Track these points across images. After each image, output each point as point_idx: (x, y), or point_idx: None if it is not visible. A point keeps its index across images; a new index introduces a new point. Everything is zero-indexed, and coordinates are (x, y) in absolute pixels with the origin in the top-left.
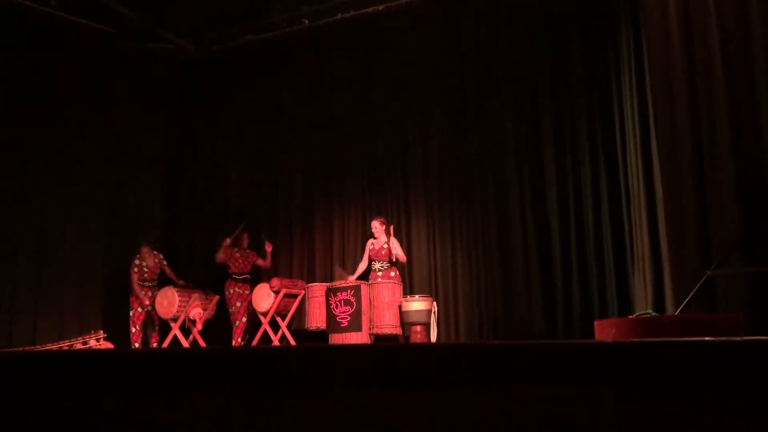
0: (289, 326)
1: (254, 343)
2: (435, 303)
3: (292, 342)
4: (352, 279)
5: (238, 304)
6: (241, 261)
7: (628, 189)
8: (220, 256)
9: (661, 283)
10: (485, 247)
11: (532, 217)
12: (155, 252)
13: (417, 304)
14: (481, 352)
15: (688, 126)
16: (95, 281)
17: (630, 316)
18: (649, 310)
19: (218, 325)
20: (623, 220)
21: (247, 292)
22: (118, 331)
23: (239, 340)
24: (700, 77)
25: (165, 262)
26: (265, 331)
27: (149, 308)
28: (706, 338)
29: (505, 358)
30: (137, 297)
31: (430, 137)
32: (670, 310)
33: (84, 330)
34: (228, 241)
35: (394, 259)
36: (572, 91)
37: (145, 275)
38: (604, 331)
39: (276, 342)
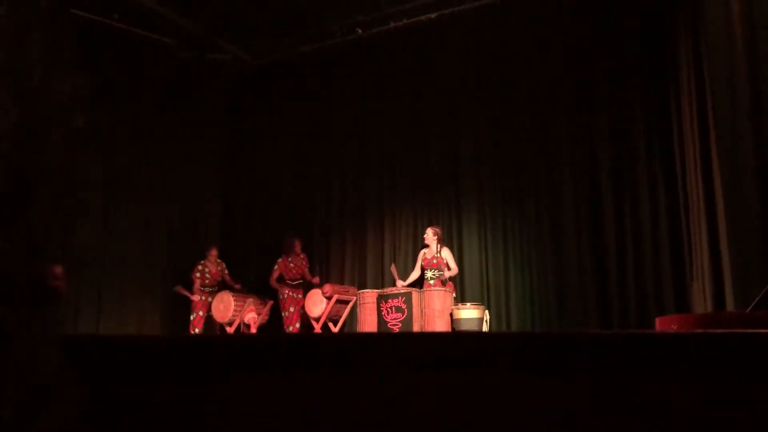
0: (341, 332)
1: None
2: (487, 311)
3: None
4: (402, 284)
5: (292, 309)
6: (294, 269)
7: (687, 198)
8: (272, 282)
9: (722, 294)
10: (538, 255)
11: (586, 225)
12: (219, 260)
13: (468, 312)
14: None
15: (750, 138)
16: (157, 285)
17: None
18: None
19: (272, 329)
20: (681, 229)
21: (300, 296)
22: (180, 333)
23: None
24: (763, 88)
25: (227, 271)
26: None
27: (209, 313)
28: None
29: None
30: (196, 301)
31: (482, 145)
32: None
33: (144, 331)
34: (275, 274)
35: (446, 268)
36: (629, 99)
37: (207, 281)
38: (666, 327)
39: None
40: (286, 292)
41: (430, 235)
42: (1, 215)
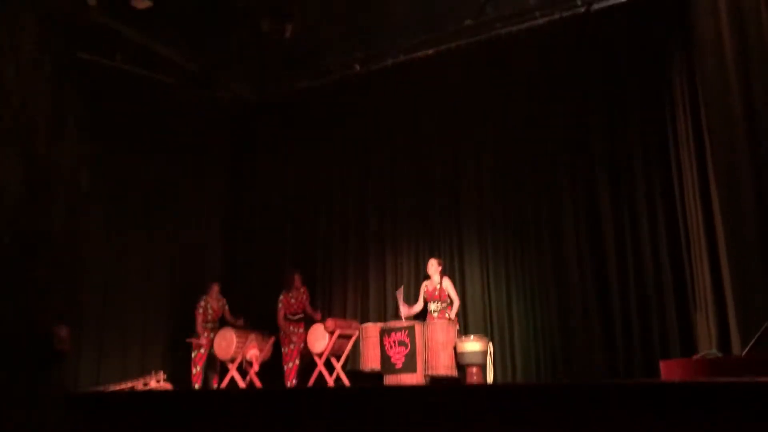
0: (344, 367)
1: (310, 384)
2: (490, 343)
3: (347, 383)
4: (409, 311)
5: (292, 345)
6: (295, 304)
7: (688, 229)
8: (280, 321)
9: (726, 324)
10: (541, 287)
11: (589, 256)
12: (221, 296)
13: (472, 345)
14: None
15: (748, 168)
16: (158, 321)
17: (695, 356)
18: (714, 350)
19: (275, 365)
20: (683, 260)
21: (301, 330)
22: (180, 370)
23: (293, 381)
24: (758, 116)
25: (227, 307)
26: (320, 373)
27: (210, 350)
28: None
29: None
30: (199, 338)
31: (482, 178)
32: (736, 350)
33: (146, 369)
34: (281, 312)
35: (449, 300)
36: (627, 127)
37: (209, 317)
38: (671, 371)
39: (331, 384)
40: (286, 327)
41: (434, 266)
42: (7, 279)
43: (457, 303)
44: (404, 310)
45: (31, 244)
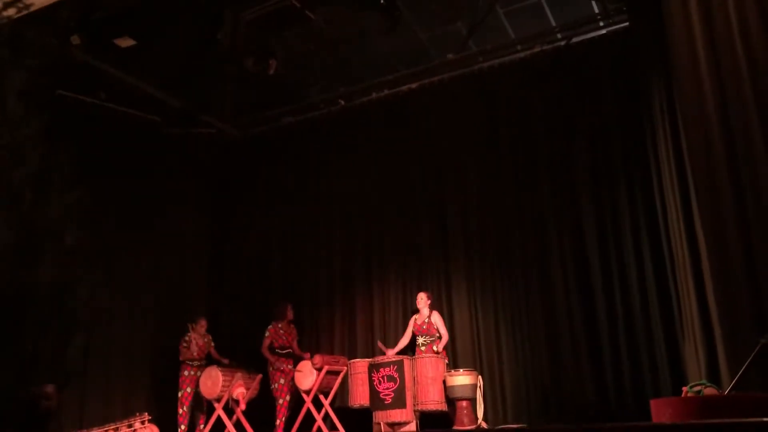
0: (332, 404)
1: (298, 422)
2: (480, 377)
3: (336, 421)
4: (391, 353)
5: (282, 381)
6: (284, 336)
7: (672, 255)
8: (265, 352)
9: (714, 351)
10: (529, 319)
11: (576, 287)
12: (207, 332)
13: (462, 379)
14: None
15: (729, 193)
16: (143, 360)
17: (684, 388)
18: (703, 381)
19: (262, 403)
20: (669, 286)
21: (290, 367)
22: (166, 412)
23: (283, 419)
24: (738, 136)
25: (213, 344)
26: (309, 411)
27: (196, 389)
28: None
29: None
30: (184, 377)
31: (469, 210)
32: (725, 378)
33: (130, 411)
34: (267, 342)
35: (438, 334)
36: (610, 158)
37: (195, 354)
38: (661, 411)
39: (320, 421)
40: (275, 363)
41: (423, 299)
42: None
43: (445, 337)
44: (391, 353)
45: (19, 304)
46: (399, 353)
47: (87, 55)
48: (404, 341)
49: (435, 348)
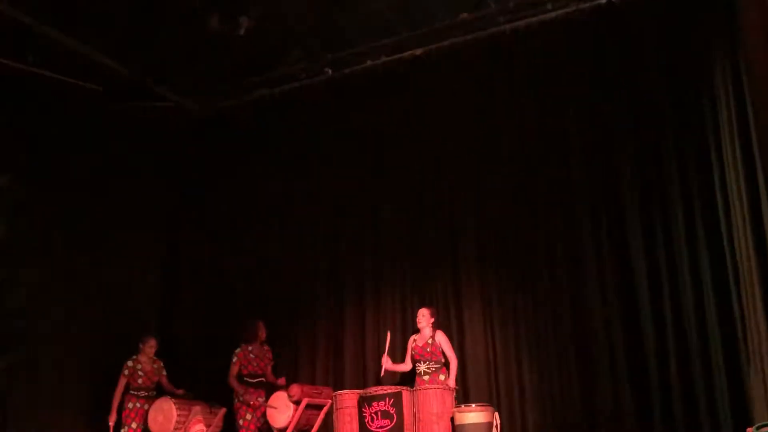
0: None
1: None
2: (497, 414)
3: None
4: (391, 366)
5: (249, 416)
6: (255, 361)
7: (737, 268)
8: (232, 381)
9: None
10: (558, 343)
11: (616, 302)
12: (155, 357)
13: (474, 416)
14: None
15: None
16: (78, 387)
17: (749, 429)
18: None
19: None
20: (732, 305)
21: (261, 399)
22: None
23: None
24: None
25: (164, 372)
26: None
27: (143, 426)
28: None
29: None
30: (129, 410)
31: (484, 206)
32: None
33: None
34: (235, 368)
35: (444, 359)
36: (658, 145)
37: (140, 382)
38: None
39: None
40: (244, 394)
41: (425, 317)
42: None
43: (454, 363)
44: (385, 362)
45: None
46: (397, 383)
47: (12, 8)
48: (403, 367)
49: (441, 377)
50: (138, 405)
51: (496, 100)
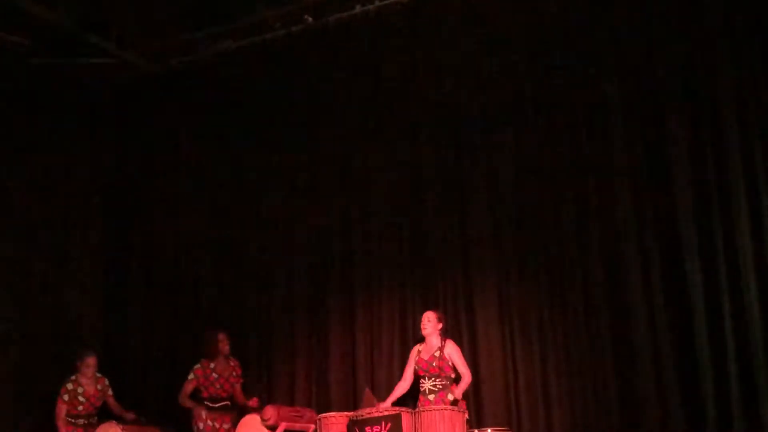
0: None
1: None
2: None
3: None
4: (386, 405)
5: None
6: (218, 382)
7: None
8: (184, 400)
9: None
10: (593, 354)
11: (664, 306)
12: (99, 375)
13: None
14: None
15: None
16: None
17: None
18: None
19: None
20: None
21: (226, 426)
22: None
23: None
24: None
25: (110, 392)
26: None
27: None
28: None
29: None
30: None
31: (501, 189)
32: None
33: None
34: (189, 387)
35: (453, 375)
36: (718, 117)
37: (80, 408)
38: None
39: None
40: (203, 420)
41: (432, 322)
42: None
43: (466, 380)
44: (384, 405)
45: None
46: (395, 404)
47: None
48: (403, 386)
49: (452, 397)
50: None
51: (517, 49)
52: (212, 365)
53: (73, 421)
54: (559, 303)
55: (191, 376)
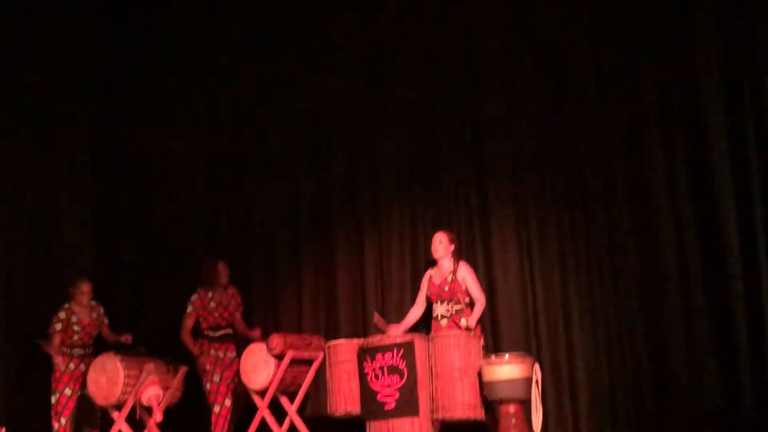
0: (301, 411)
1: None
2: (537, 366)
3: None
4: (397, 331)
5: (217, 378)
6: (217, 311)
7: None
8: (186, 338)
9: None
10: (616, 275)
11: (695, 220)
12: (94, 302)
13: (508, 370)
14: None
15: None
16: None
17: None
18: None
19: (189, 411)
20: None
21: (231, 355)
22: (30, 426)
23: None
24: None
25: (106, 320)
26: (264, 422)
27: (82, 391)
28: None
29: None
30: (60, 372)
31: (520, 101)
32: None
33: None
34: (190, 321)
35: (467, 299)
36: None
37: (75, 338)
38: None
39: None
40: (206, 350)
41: (443, 243)
42: None
43: (480, 304)
44: (395, 331)
45: None
46: (409, 331)
47: None
48: (416, 313)
49: (464, 321)
50: (73, 366)
51: None
52: (210, 294)
53: (68, 351)
54: (582, 221)
55: (189, 308)
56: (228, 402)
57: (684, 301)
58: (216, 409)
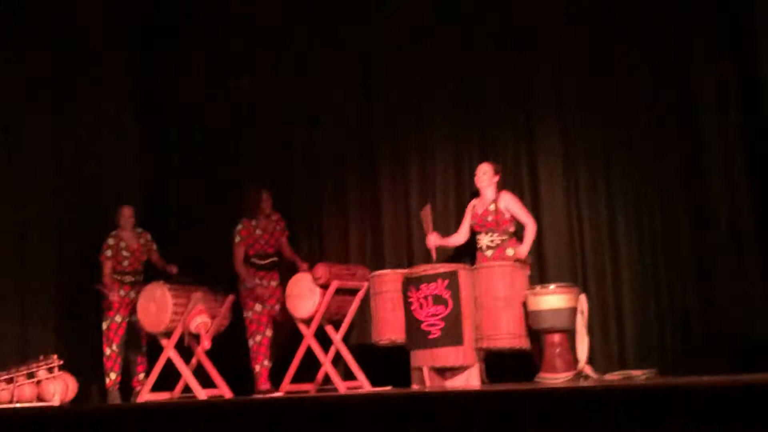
0: (346, 339)
1: (293, 368)
2: (583, 296)
3: (353, 365)
4: (441, 241)
5: (258, 307)
6: (263, 238)
7: None
8: (239, 267)
9: None
10: (664, 206)
11: (746, 159)
12: (139, 229)
13: (554, 300)
14: None
15: None
16: (44, 279)
17: None
18: None
19: (236, 339)
20: None
21: (275, 283)
22: (84, 353)
23: (265, 363)
24: None
25: (155, 246)
26: (309, 349)
27: (131, 317)
28: None
29: None
30: (111, 299)
31: (568, 35)
32: None
33: (30, 353)
34: (240, 249)
35: (512, 228)
36: None
37: (125, 263)
38: None
39: (327, 365)
40: (254, 278)
41: (487, 174)
42: None
43: (531, 228)
44: (433, 239)
45: None
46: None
47: None
48: (457, 238)
49: (510, 250)
50: (122, 293)
51: None
52: (254, 222)
53: (119, 278)
54: (627, 147)
55: (237, 238)
56: (269, 332)
57: (732, 233)
58: (258, 338)
